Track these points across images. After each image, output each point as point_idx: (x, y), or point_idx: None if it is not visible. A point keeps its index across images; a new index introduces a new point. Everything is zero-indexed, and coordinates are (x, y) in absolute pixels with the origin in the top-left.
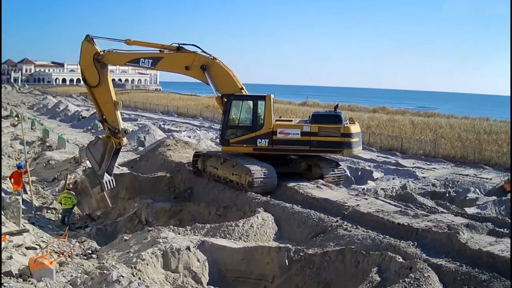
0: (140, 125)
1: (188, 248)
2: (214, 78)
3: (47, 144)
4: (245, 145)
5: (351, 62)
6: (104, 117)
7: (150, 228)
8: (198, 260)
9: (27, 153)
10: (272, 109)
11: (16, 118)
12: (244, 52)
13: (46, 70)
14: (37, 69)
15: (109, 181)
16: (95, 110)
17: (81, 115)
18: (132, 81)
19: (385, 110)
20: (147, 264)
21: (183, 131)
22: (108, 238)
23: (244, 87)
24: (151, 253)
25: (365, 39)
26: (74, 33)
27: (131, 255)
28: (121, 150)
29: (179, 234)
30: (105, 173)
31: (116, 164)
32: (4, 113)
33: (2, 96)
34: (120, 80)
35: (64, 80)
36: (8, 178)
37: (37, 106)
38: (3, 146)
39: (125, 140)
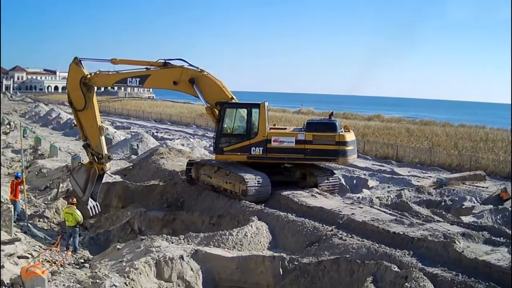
0: (133, 133)
1: (181, 257)
2: (203, 90)
3: (39, 152)
4: (239, 154)
5: (348, 69)
6: (88, 142)
7: (143, 237)
8: (192, 269)
9: (19, 161)
10: (266, 117)
11: (8, 126)
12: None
13: (38, 78)
14: (29, 77)
15: (94, 206)
16: None
17: (73, 123)
18: (125, 88)
19: (380, 118)
20: (140, 273)
21: (177, 139)
22: (101, 247)
23: (234, 97)
24: (144, 262)
25: (361, 45)
26: (67, 41)
27: (124, 264)
28: (114, 159)
29: (172, 243)
30: (90, 199)
31: (109, 173)
32: None
33: None
34: (112, 87)
35: (56, 88)
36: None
37: (29, 114)
38: None
39: (108, 165)
